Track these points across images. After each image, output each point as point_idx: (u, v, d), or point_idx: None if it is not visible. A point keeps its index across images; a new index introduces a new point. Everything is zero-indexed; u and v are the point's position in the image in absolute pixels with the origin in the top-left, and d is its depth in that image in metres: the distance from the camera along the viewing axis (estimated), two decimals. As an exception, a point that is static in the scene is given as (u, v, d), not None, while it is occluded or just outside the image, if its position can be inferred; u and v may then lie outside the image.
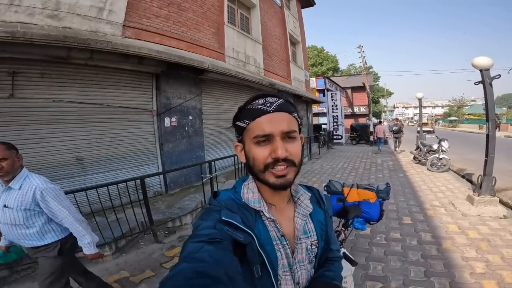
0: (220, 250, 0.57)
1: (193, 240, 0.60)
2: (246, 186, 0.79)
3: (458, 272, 2.86)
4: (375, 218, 2.16)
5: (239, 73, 7.46)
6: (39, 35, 3.58)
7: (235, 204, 0.74)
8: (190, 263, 0.53)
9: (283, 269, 0.73)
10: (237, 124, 0.76)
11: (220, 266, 0.52)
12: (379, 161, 10.59)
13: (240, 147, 0.78)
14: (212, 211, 0.71)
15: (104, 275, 2.99)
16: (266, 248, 0.68)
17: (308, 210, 0.81)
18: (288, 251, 0.75)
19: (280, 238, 0.74)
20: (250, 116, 0.71)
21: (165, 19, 5.99)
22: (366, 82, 24.01)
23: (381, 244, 3.58)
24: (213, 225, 0.64)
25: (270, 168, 0.68)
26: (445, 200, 5.31)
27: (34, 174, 1.95)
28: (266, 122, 0.69)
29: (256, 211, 0.74)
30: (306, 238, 0.79)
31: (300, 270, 0.77)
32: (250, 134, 0.71)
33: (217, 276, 0.49)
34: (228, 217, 0.67)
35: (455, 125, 40.47)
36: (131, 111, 5.25)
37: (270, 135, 0.68)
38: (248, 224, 0.69)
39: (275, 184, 0.69)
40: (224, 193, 0.79)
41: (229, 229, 0.64)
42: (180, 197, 5.38)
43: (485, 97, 4.73)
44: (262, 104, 0.71)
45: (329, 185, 2.36)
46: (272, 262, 0.68)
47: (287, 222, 0.78)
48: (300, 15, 15.77)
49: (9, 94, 3.77)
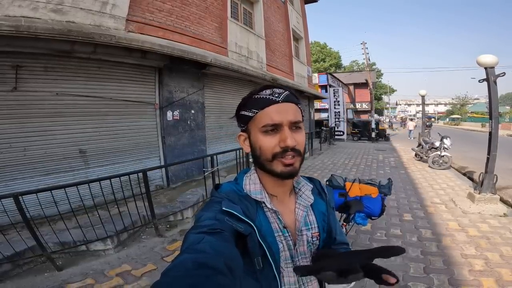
0: (221, 241, 0.57)
1: (194, 231, 0.60)
2: (247, 177, 0.78)
3: (457, 269, 2.87)
4: (377, 213, 2.16)
5: (241, 68, 7.43)
6: (43, 29, 3.57)
7: (236, 195, 0.73)
8: (191, 254, 0.53)
9: (286, 261, 0.72)
10: (242, 113, 0.75)
11: (220, 257, 0.52)
12: (381, 158, 10.58)
13: (244, 137, 0.77)
14: (213, 202, 0.71)
15: (106, 269, 3.02)
16: (267, 239, 0.68)
17: (309, 201, 0.80)
18: (290, 243, 0.74)
19: (282, 229, 0.73)
20: (258, 106, 0.71)
21: (168, 14, 5.96)
22: (369, 78, 23.86)
23: (382, 240, 3.60)
24: (214, 216, 0.65)
25: (279, 157, 0.69)
26: (446, 197, 5.32)
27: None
28: (275, 112, 0.69)
29: (258, 202, 0.74)
30: (307, 230, 0.78)
31: (302, 262, 0.76)
32: (257, 123, 0.71)
33: (218, 267, 0.49)
34: (228, 207, 0.67)
35: (457, 123, 40.28)
36: (134, 104, 5.26)
37: (279, 124, 0.69)
38: (248, 215, 0.68)
39: (283, 172, 0.69)
40: (226, 185, 0.79)
41: (229, 220, 0.64)
42: (182, 191, 5.41)
43: (489, 95, 4.70)
44: (270, 94, 0.72)
45: (331, 179, 2.36)
46: (273, 254, 0.67)
47: (288, 213, 0.78)
48: (303, 11, 15.63)
49: (13, 88, 3.78)
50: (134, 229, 3.75)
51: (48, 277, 2.89)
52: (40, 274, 2.94)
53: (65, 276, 2.89)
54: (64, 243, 3.19)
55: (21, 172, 3.95)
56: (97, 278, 2.86)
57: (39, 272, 2.97)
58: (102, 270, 3.00)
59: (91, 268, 3.06)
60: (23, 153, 3.95)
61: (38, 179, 4.09)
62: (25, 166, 3.99)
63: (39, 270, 3.00)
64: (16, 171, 3.91)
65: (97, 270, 3.00)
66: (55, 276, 2.90)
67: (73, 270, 3.01)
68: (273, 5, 11.41)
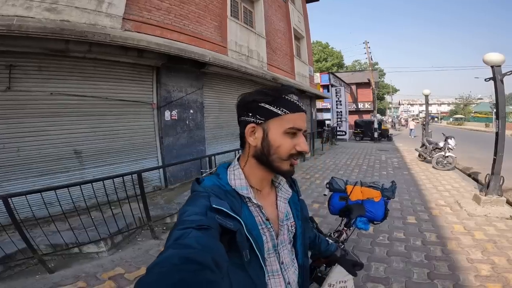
0: (208, 237, 0.57)
1: (180, 227, 0.59)
2: (231, 172, 0.80)
3: (463, 274, 2.77)
4: (379, 218, 2.04)
5: (241, 67, 7.34)
6: (35, 27, 3.50)
7: (221, 190, 0.74)
8: (177, 249, 0.52)
9: (268, 251, 0.77)
10: (266, 107, 0.76)
11: (207, 253, 0.52)
12: (383, 158, 10.46)
13: (254, 129, 0.78)
14: (199, 197, 0.70)
15: (99, 272, 2.96)
16: (253, 233, 0.71)
17: (289, 194, 0.88)
18: (273, 234, 0.79)
19: (265, 222, 0.78)
20: (290, 108, 0.76)
21: (166, 12, 5.88)
22: (372, 78, 23.75)
23: (384, 244, 3.49)
24: (203, 212, 0.64)
25: (293, 158, 0.77)
26: (450, 199, 5.20)
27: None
28: (300, 119, 0.77)
29: (242, 197, 0.76)
30: (286, 220, 0.85)
31: (283, 250, 0.82)
32: (284, 124, 0.75)
33: (205, 262, 0.49)
34: (218, 204, 0.67)
35: (461, 123, 40.02)
36: (131, 104, 5.18)
37: (300, 130, 0.77)
38: (235, 211, 0.70)
39: (289, 171, 0.79)
40: (208, 179, 0.78)
41: (219, 217, 0.65)
42: (180, 191, 5.34)
43: (496, 94, 4.59)
44: (297, 101, 0.79)
45: (332, 182, 2.23)
46: (259, 246, 0.71)
47: (269, 206, 0.82)
48: (304, 10, 15.54)
49: (6, 87, 3.72)
50: (129, 231, 3.67)
51: (39, 280, 2.85)
52: (32, 276, 2.90)
53: (56, 279, 2.85)
54: (56, 245, 3.14)
55: (15, 173, 3.88)
56: (89, 281, 2.80)
57: (30, 274, 2.94)
58: (95, 273, 2.95)
59: (83, 270, 3.00)
60: (17, 153, 3.88)
61: (32, 180, 4.02)
62: (19, 167, 3.92)
63: (30, 272, 2.97)
64: (9, 172, 3.84)
65: (89, 273, 2.94)
66: (46, 279, 2.86)
67: (65, 273, 2.96)
68: (274, 4, 11.32)
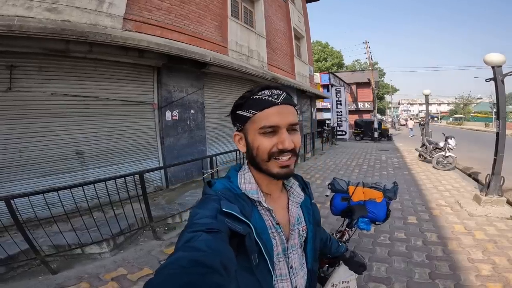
0: (217, 240, 0.57)
1: (190, 230, 0.60)
2: (241, 176, 0.79)
3: (463, 274, 2.79)
4: (381, 218, 2.06)
5: (241, 67, 7.33)
6: (36, 28, 3.49)
7: (232, 194, 0.73)
8: (187, 251, 0.52)
9: (278, 255, 0.75)
10: (239, 113, 0.75)
11: (216, 256, 0.51)
12: (384, 158, 10.47)
13: (239, 137, 0.78)
14: (210, 200, 0.70)
15: (101, 272, 2.96)
16: (262, 237, 0.69)
17: (301, 197, 0.84)
18: (283, 238, 0.77)
19: (275, 226, 0.76)
20: (257, 107, 0.72)
21: (167, 12, 5.88)
22: (372, 78, 23.73)
23: (385, 244, 3.51)
24: (213, 215, 0.64)
25: (274, 157, 0.71)
26: (451, 199, 5.21)
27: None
28: (274, 114, 0.70)
29: (252, 201, 0.75)
30: (298, 224, 0.82)
31: (293, 254, 0.79)
32: (255, 125, 0.72)
33: (213, 266, 0.48)
34: (228, 208, 0.66)
35: (460, 123, 40.03)
36: (132, 104, 5.18)
37: (277, 126, 0.70)
38: (245, 214, 0.69)
39: (279, 173, 0.72)
40: (220, 182, 0.78)
41: (229, 221, 0.64)
42: (181, 192, 5.34)
43: (497, 94, 4.60)
44: (269, 96, 0.72)
45: (334, 183, 2.25)
46: (268, 250, 0.69)
47: (281, 210, 0.80)
48: (305, 9, 15.53)
49: (7, 88, 3.71)
50: (131, 232, 3.67)
51: (42, 281, 2.86)
52: (34, 277, 2.91)
53: (59, 280, 2.85)
54: (58, 246, 3.13)
55: (17, 173, 3.88)
56: (92, 282, 2.81)
57: (33, 275, 2.94)
58: (97, 274, 2.96)
59: (86, 271, 3.00)
60: (18, 154, 3.88)
61: (34, 180, 4.02)
62: (21, 167, 3.92)
63: (33, 273, 2.98)
64: (12, 172, 3.84)
65: (92, 274, 2.95)
66: (49, 280, 2.87)
67: (68, 274, 2.97)
68: (274, 4, 11.31)
